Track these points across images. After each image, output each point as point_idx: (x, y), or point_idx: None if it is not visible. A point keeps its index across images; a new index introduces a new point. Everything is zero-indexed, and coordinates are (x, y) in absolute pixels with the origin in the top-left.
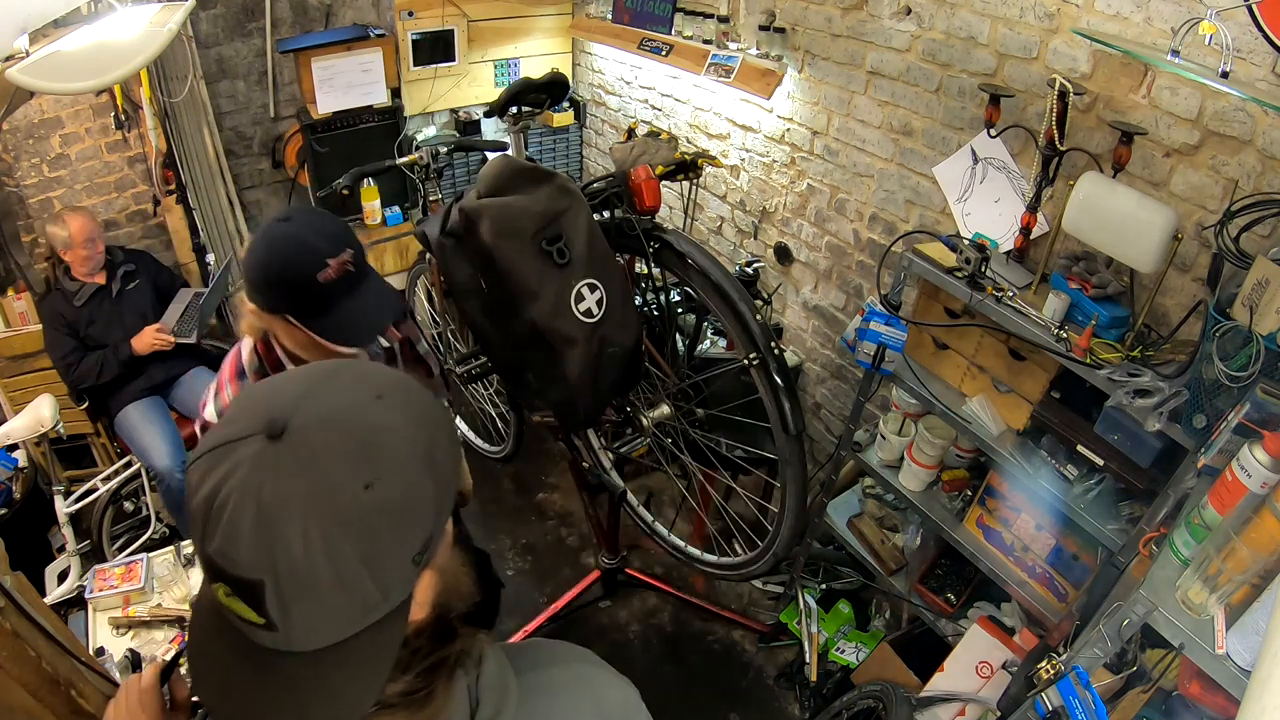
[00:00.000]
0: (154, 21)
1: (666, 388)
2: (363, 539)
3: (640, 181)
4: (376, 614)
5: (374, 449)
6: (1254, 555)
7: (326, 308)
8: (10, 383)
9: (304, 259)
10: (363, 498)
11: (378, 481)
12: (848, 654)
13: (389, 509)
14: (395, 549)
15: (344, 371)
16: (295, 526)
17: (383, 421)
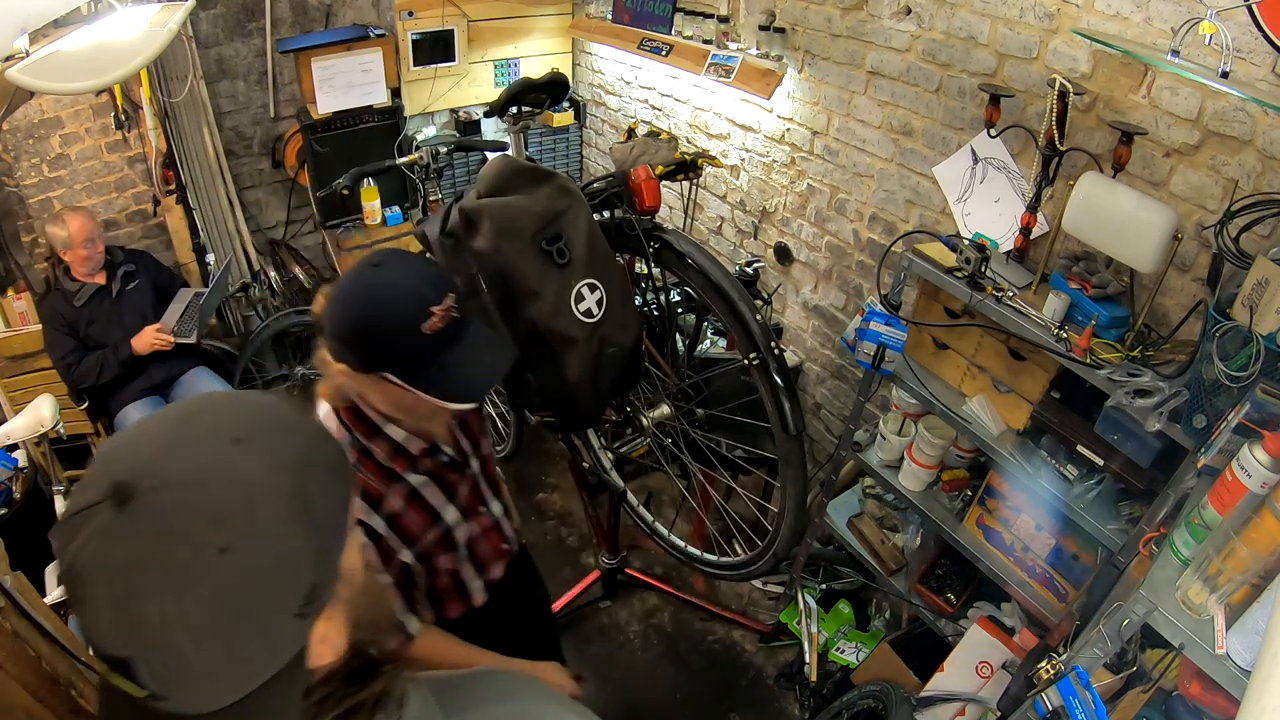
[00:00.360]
0: (154, 21)
1: (666, 388)
2: (229, 606)
3: (640, 181)
4: (267, 672)
5: (228, 507)
6: (1254, 555)
7: (432, 361)
8: (10, 383)
9: (405, 308)
10: (220, 563)
11: (236, 543)
12: (848, 654)
13: (253, 570)
14: (270, 610)
15: (198, 417)
16: (152, 602)
17: (239, 474)
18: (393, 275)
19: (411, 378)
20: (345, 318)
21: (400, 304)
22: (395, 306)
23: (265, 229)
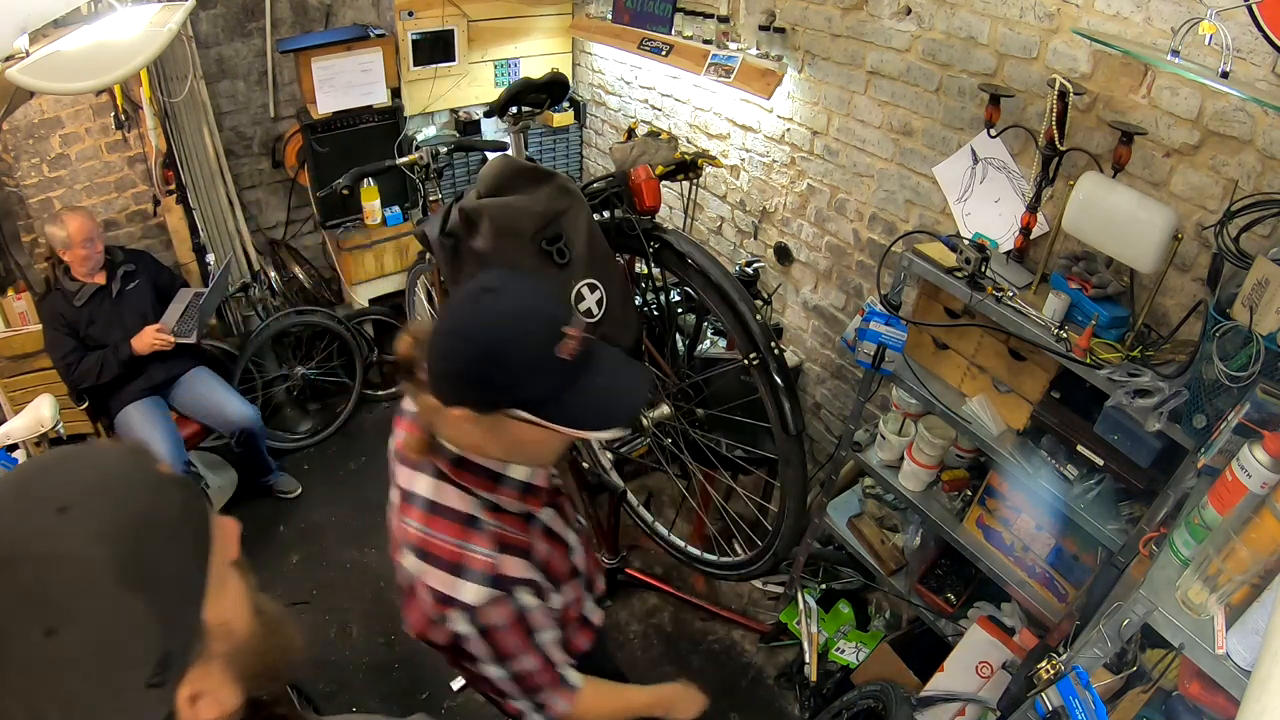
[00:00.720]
0: (154, 21)
1: (666, 388)
2: (68, 691)
3: (640, 181)
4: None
5: (48, 587)
6: (1254, 555)
7: (570, 389)
8: (10, 383)
9: (536, 333)
10: (47, 648)
11: (61, 625)
12: (848, 654)
13: (87, 649)
14: (116, 686)
15: (28, 484)
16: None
17: (60, 548)
18: (514, 298)
19: (547, 411)
20: (468, 354)
21: (530, 329)
22: (525, 333)
23: (265, 229)
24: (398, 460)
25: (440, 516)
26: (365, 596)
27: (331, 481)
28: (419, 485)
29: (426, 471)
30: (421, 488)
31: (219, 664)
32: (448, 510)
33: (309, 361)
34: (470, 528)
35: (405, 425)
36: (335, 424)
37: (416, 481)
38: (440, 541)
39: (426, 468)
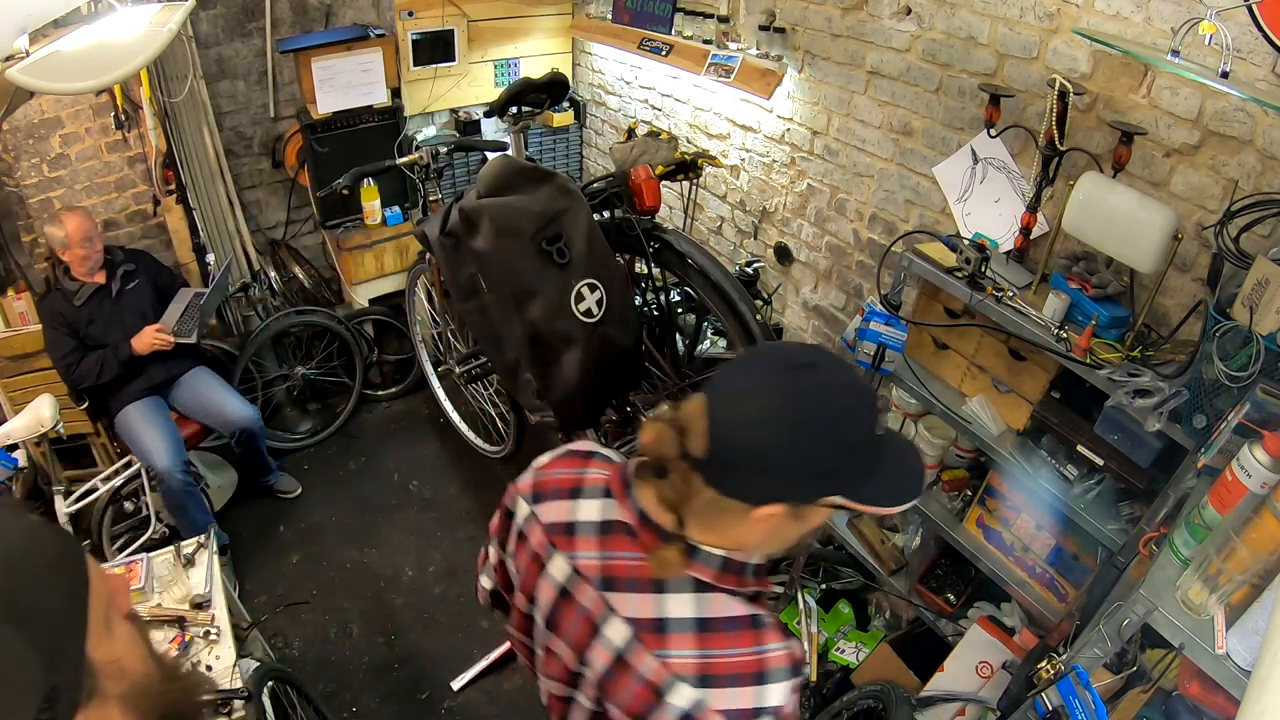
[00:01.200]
0: (154, 21)
1: (666, 388)
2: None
3: (640, 181)
4: None
5: None
6: (1254, 555)
7: (880, 466)
8: (10, 383)
9: (869, 409)
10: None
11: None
12: (848, 654)
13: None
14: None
15: None
16: None
17: None
18: (837, 373)
19: (865, 492)
20: (817, 444)
21: (862, 406)
22: (860, 410)
23: (265, 229)
24: (610, 589)
25: (721, 632)
26: (365, 596)
27: (331, 481)
28: (673, 608)
29: (679, 589)
30: (679, 609)
31: (115, 705)
32: (727, 622)
33: (309, 361)
34: (758, 629)
35: (605, 542)
36: (335, 424)
37: (666, 605)
38: (733, 658)
39: (678, 585)
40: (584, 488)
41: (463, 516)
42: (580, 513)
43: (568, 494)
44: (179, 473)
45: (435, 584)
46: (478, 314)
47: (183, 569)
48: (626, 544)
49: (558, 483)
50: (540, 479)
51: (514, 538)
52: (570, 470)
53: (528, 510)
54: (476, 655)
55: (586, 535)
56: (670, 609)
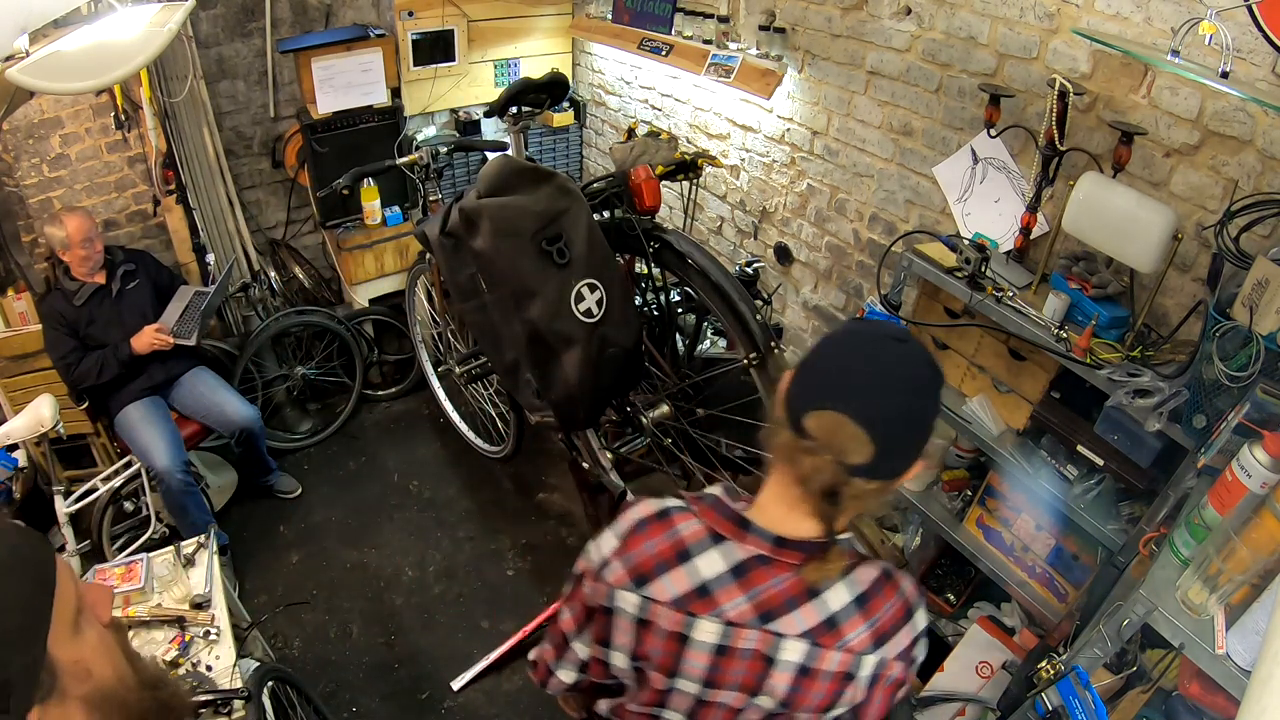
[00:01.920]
0: (154, 21)
1: (666, 388)
2: None
3: (640, 181)
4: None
5: None
6: (1254, 555)
7: None
8: (10, 383)
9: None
10: None
11: None
12: None
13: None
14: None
15: None
16: None
17: None
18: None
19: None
20: (933, 402)
21: (925, 354)
22: (932, 361)
23: (265, 229)
24: (771, 619)
25: (875, 596)
26: (365, 596)
27: (331, 481)
28: (834, 601)
29: (831, 583)
30: (839, 599)
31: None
32: (875, 585)
33: (309, 361)
34: (889, 575)
35: (746, 583)
36: (335, 424)
37: (828, 602)
38: (890, 612)
39: (835, 578)
40: (689, 546)
41: (463, 516)
42: (704, 571)
43: (676, 560)
44: (179, 473)
45: (435, 584)
46: (478, 314)
47: (183, 569)
48: (767, 573)
49: (658, 556)
50: (634, 562)
51: (627, 630)
52: (660, 538)
53: (637, 599)
54: (476, 655)
55: (724, 587)
56: (832, 603)
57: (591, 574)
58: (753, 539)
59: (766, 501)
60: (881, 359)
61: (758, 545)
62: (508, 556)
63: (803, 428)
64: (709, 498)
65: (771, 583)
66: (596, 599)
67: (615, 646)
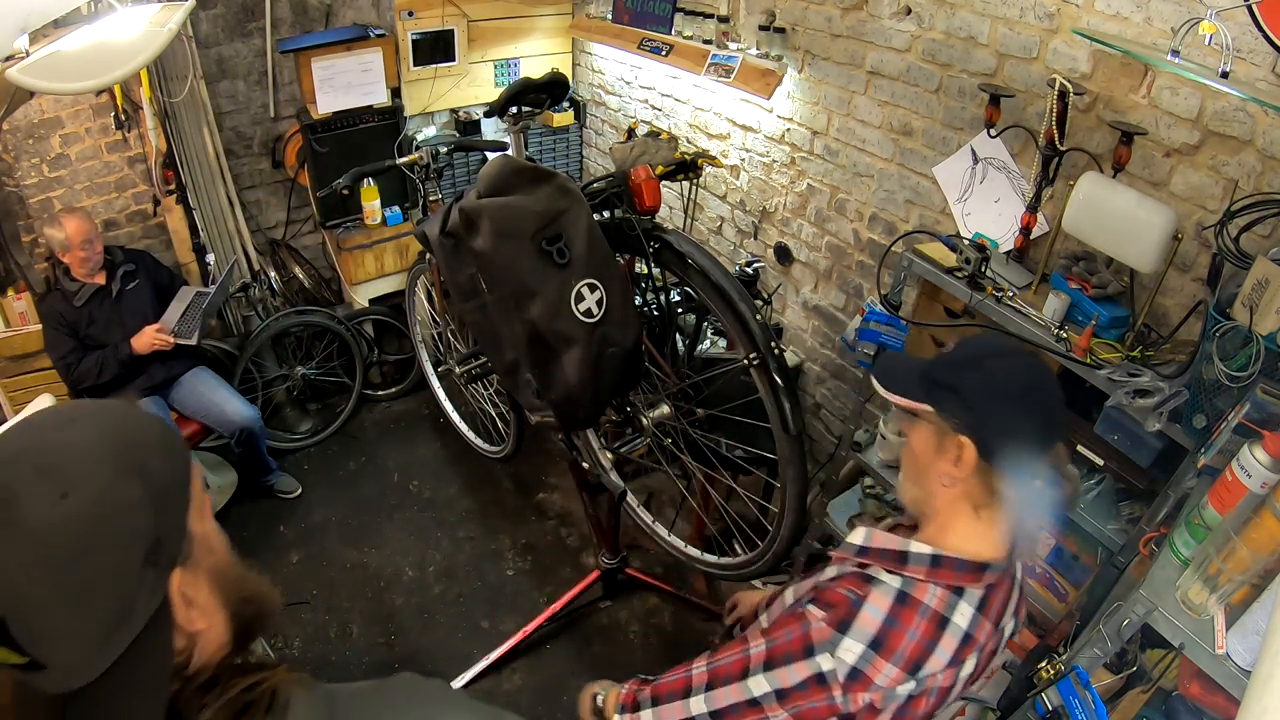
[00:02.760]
0: (154, 21)
1: (666, 388)
2: (74, 548)
3: (640, 181)
4: (130, 628)
5: (61, 465)
6: (1254, 555)
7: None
8: (10, 383)
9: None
10: (59, 508)
11: (72, 491)
12: None
13: (91, 516)
14: (116, 553)
15: (39, 414)
16: (9, 556)
17: (65, 438)
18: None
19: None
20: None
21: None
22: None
23: (265, 229)
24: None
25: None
26: (365, 596)
27: (331, 481)
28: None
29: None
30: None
31: (205, 578)
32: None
33: (309, 361)
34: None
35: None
36: (335, 424)
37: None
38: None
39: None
40: (943, 613)
41: (463, 516)
42: (963, 625)
43: (939, 631)
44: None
45: (435, 584)
46: (478, 314)
47: None
48: (996, 599)
49: (924, 638)
50: (906, 656)
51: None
52: (916, 622)
53: (914, 684)
54: (476, 655)
55: (979, 627)
56: (1019, 573)
57: (843, 686)
58: (987, 575)
59: (966, 534)
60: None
61: (990, 578)
62: (508, 556)
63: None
64: (926, 558)
65: (999, 603)
66: (856, 706)
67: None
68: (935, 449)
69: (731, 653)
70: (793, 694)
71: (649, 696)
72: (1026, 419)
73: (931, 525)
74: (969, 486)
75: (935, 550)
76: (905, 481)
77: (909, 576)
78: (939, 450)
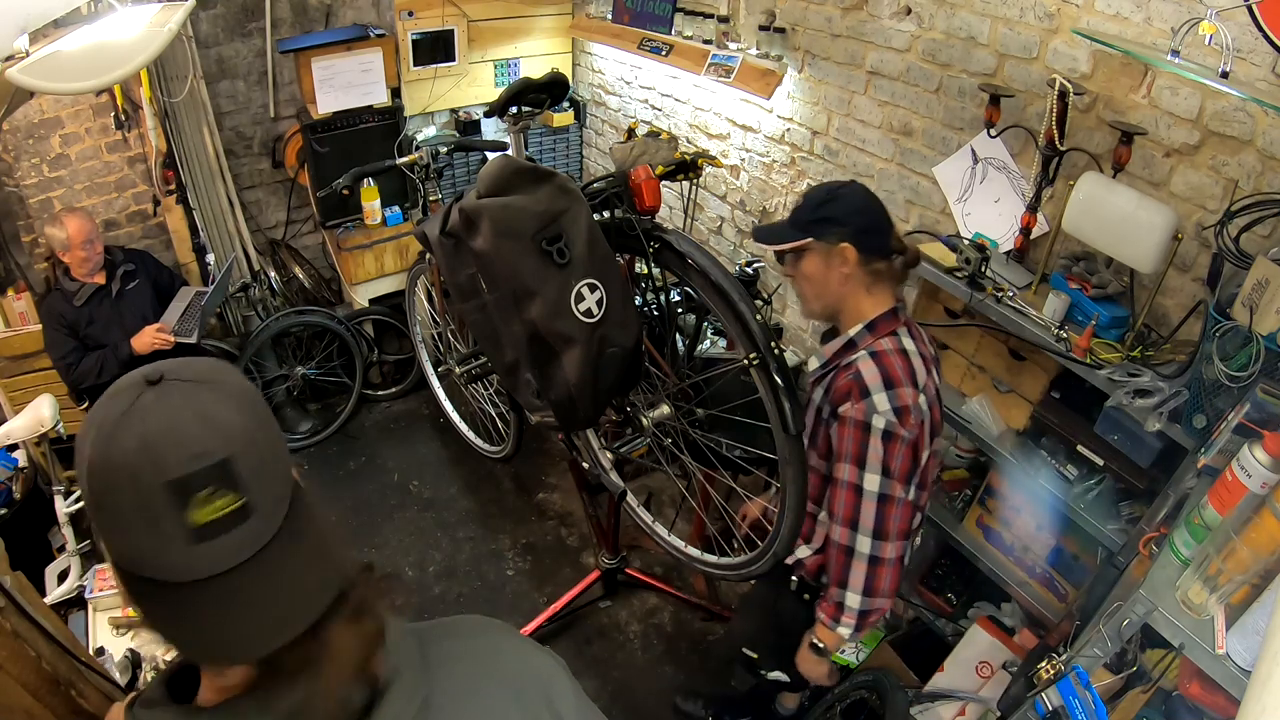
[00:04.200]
0: (154, 21)
1: (666, 388)
2: (264, 410)
3: (640, 181)
4: (291, 485)
5: (227, 372)
6: (1254, 555)
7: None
8: (10, 383)
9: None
10: (247, 384)
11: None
12: (848, 654)
13: (262, 399)
14: (277, 430)
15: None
16: (225, 407)
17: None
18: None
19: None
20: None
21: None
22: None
23: (265, 229)
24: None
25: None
26: None
27: (331, 481)
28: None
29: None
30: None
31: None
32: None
33: (309, 361)
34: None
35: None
36: (335, 424)
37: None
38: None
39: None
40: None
41: (463, 516)
42: (913, 348)
43: (906, 358)
44: None
45: (435, 584)
46: (478, 314)
47: None
48: (915, 330)
49: (904, 364)
50: (906, 377)
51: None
52: (890, 357)
53: (923, 399)
54: None
55: (923, 348)
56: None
57: (900, 424)
58: (901, 315)
59: (872, 303)
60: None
61: (904, 317)
62: (508, 556)
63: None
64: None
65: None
66: (916, 431)
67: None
68: (825, 264)
69: (836, 501)
70: (888, 463)
71: (834, 592)
72: (874, 219)
73: (846, 315)
74: (857, 275)
75: (863, 322)
76: (810, 302)
77: (863, 347)
78: (828, 264)
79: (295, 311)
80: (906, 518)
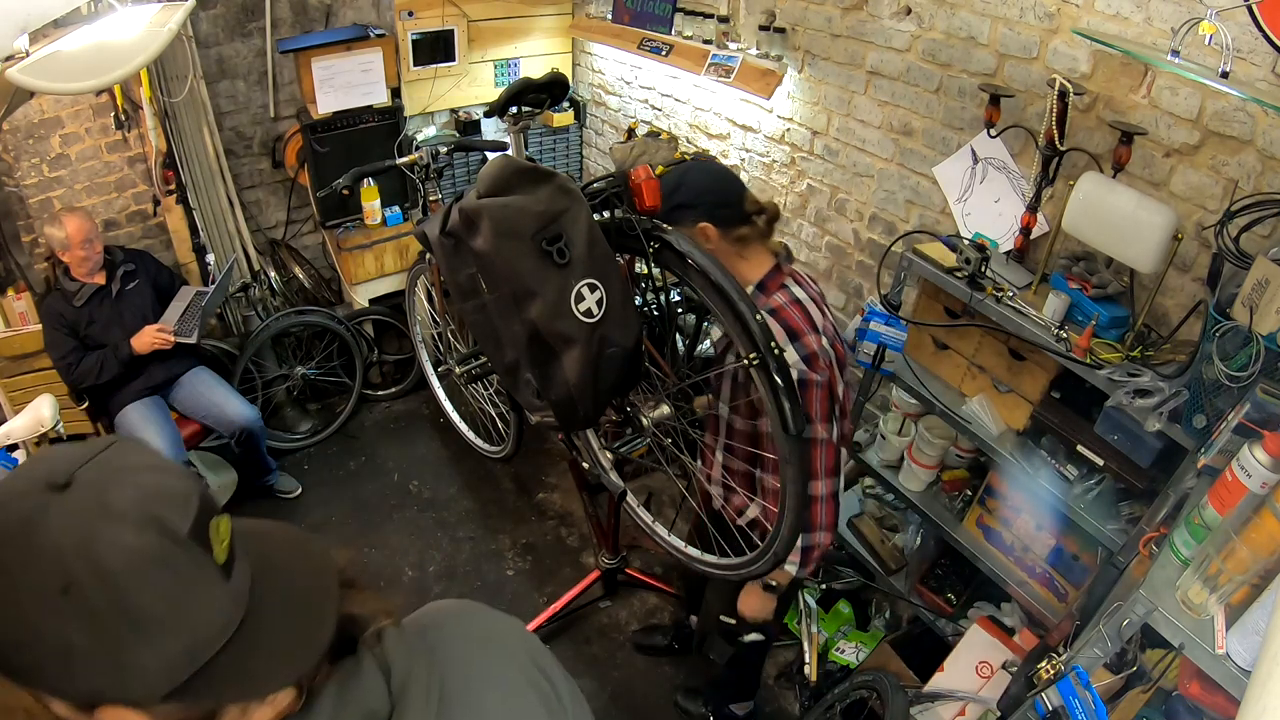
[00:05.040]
0: (154, 21)
1: (666, 388)
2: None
3: (640, 181)
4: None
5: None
6: (1254, 555)
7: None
8: (10, 383)
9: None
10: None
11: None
12: (848, 654)
13: None
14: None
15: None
16: (136, 462)
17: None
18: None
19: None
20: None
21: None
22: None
23: (265, 229)
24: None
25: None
26: None
27: (331, 481)
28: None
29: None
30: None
31: None
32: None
33: (309, 361)
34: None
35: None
36: (335, 424)
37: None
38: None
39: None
40: (789, 299)
41: (463, 516)
42: (803, 296)
43: (801, 306)
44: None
45: (435, 584)
46: (478, 314)
47: None
48: (801, 279)
49: (801, 313)
50: (806, 324)
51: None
52: (787, 310)
53: (825, 340)
54: None
55: (812, 292)
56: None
57: (811, 369)
58: (785, 269)
59: (750, 266)
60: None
61: (788, 269)
62: (508, 556)
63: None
64: (754, 290)
65: (804, 279)
66: (827, 374)
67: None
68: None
69: (767, 453)
70: (808, 409)
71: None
72: (723, 194)
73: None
74: (724, 247)
75: (751, 285)
76: None
77: (761, 308)
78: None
79: (295, 311)
80: (833, 455)
